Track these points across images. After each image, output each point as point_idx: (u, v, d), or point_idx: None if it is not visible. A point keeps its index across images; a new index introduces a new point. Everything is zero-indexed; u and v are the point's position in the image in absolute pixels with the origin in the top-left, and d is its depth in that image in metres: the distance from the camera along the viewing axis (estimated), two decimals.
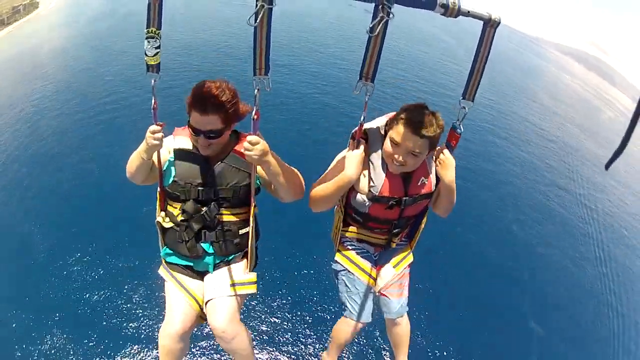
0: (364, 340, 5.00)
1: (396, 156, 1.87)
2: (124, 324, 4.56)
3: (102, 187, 7.11)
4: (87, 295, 4.97)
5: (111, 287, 5.06)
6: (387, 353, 4.78)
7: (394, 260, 2.34)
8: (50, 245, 5.70)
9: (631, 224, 12.49)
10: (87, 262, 5.41)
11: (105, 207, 6.57)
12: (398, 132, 1.84)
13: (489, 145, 13.83)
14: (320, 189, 1.99)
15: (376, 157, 1.99)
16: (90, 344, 4.29)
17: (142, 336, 4.40)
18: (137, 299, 4.89)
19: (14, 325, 4.53)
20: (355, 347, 4.83)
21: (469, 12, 1.60)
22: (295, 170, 2.03)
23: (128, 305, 4.79)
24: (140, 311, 4.72)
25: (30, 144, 8.64)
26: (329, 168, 2.06)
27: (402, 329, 2.40)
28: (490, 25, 1.71)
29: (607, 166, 1.34)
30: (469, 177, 10.67)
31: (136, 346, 4.29)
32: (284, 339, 4.50)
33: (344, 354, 4.48)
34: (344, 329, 2.31)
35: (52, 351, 4.20)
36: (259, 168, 1.92)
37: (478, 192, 10.19)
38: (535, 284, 7.72)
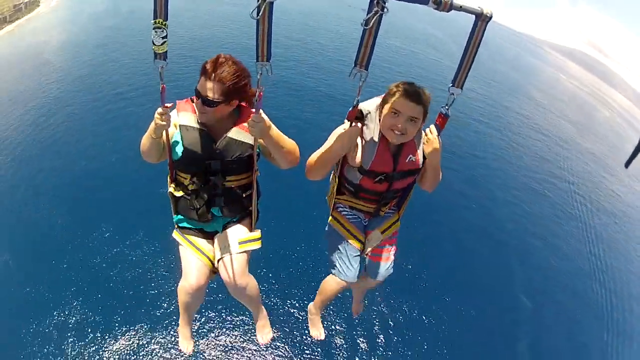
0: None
1: (399, 125, 2.02)
2: (143, 284, 4.86)
3: (113, 167, 7.45)
4: (104, 259, 5.29)
5: (128, 249, 5.37)
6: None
7: (383, 226, 2.52)
8: (68, 218, 6.06)
9: (624, 212, 12.83)
10: (104, 232, 5.75)
11: (117, 183, 6.94)
12: (397, 101, 2.00)
13: (483, 136, 14.19)
14: (314, 159, 2.22)
15: (370, 135, 2.16)
16: (113, 302, 4.57)
17: (159, 293, 4.68)
18: (153, 261, 5.18)
19: (46, 287, 4.79)
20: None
21: (461, 6, 1.65)
22: (293, 141, 2.25)
23: (145, 267, 5.09)
24: (157, 272, 5.02)
25: (41, 132, 8.88)
26: (326, 141, 2.26)
27: (373, 286, 2.76)
28: (482, 19, 1.76)
29: (627, 164, 1.40)
30: (468, 164, 11.03)
31: (155, 302, 4.57)
32: (279, 290, 4.78)
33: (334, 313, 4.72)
34: (331, 285, 2.56)
35: (82, 309, 4.48)
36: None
37: (471, 177, 10.50)
38: (526, 261, 8.00)
